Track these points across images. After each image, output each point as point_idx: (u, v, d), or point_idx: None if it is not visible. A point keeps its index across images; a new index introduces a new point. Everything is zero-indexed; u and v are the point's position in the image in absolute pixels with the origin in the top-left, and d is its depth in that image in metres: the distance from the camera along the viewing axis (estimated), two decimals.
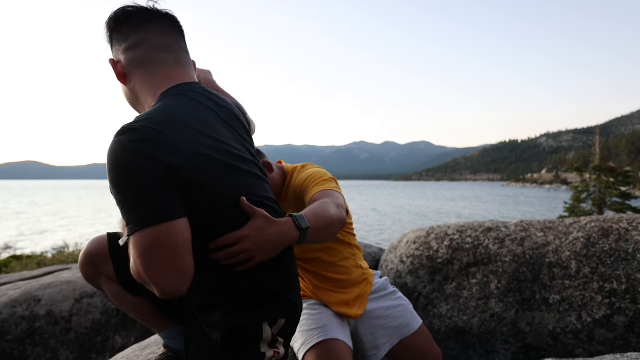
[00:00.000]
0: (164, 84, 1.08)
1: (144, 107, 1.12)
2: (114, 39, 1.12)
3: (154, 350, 1.80)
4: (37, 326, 3.00)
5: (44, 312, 3.06)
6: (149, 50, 1.10)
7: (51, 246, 9.45)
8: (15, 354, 2.91)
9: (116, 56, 1.12)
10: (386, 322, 1.81)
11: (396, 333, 1.78)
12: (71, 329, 3.07)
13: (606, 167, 14.57)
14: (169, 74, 1.10)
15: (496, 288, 3.15)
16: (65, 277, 3.47)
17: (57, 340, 3.02)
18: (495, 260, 3.25)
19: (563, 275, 3.02)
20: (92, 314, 3.16)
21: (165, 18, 1.14)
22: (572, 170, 16.64)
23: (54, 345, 3.00)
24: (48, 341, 3.00)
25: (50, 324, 3.04)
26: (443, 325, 3.27)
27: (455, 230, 3.62)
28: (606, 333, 2.82)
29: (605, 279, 2.90)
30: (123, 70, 1.11)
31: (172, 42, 1.14)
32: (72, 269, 3.91)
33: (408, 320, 1.84)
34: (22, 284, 3.41)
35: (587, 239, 3.11)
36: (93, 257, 1.20)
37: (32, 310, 3.05)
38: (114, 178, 0.89)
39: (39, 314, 3.04)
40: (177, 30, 1.17)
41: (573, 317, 2.90)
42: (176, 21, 1.17)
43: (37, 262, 6.16)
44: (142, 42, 1.09)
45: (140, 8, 1.10)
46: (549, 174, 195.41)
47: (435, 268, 3.47)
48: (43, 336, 3.00)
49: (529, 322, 3.02)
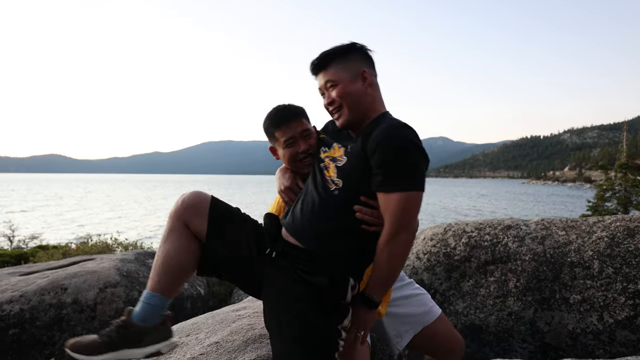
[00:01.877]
0: (383, 105, 1.55)
1: (369, 109, 1.48)
2: (372, 60, 1.54)
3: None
4: (64, 313, 3.13)
5: (70, 300, 3.18)
6: (376, 78, 1.55)
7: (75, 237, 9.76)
8: (44, 340, 3.05)
9: (370, 72, 1.51)
10: (408, 310, 1.82)
11: (418, 321, 1.78)
12: (95, 317, 3.18)
13: (633, 165, 14.10)
14: (382, 99, 1.56)
15: (514, 286, 3.11)
16: (89, 267, 3.60)
17: (83, 327, 3.14)
18: (515, 258, 3.20)
19: (585, 275, 2.97)
20: (115, 303, 3.27)
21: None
22: (596, 167, 16.17)
23: (80, 332, 3.12)
24: (74, 328, 3.12)
25: (76, 311, 3.16)
26: (459, 323, 3.25)
27: (473, 228, 3.58)
28: (628, 334, 2.76)
29: (630, 280, 2.83)
30: (371, 80, 1.50)
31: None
32: (96, 259, 4.04)
33: (429, 307, 1.86)
34: (49, 273, 3.55)
35: (612, 239, 3.04)
36: (195, 206, 1.42)
37: (60, 298, 3.18)
38: (410, 147, 1.30)
39: (66, 302, 3.17)
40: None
41: (594, 318, 2.85)
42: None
43: (63, 252, 6.38)
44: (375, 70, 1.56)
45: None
46: (571, 172, 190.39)
47: (452, 265, 3.45)
48: (70, 323, 3.12)
49: (548, 321, 2.98)
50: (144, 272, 3.82)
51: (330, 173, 1.41)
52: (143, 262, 4.09)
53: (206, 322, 2.16)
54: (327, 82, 1.47)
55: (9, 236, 8.15)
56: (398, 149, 1.28)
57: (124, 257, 3.98)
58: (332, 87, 1.46)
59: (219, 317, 2.20)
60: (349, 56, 1.47)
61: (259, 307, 2.31)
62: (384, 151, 1.29)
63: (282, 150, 1.70)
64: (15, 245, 7.94)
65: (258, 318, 2.10)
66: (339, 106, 1.45)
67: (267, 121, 1.72)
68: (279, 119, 1.66)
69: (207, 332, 2.00)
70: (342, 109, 1.45)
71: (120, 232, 9.11)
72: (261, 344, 1.79)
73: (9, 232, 8.28)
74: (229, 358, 1.70)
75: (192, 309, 3.78)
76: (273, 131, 1.68)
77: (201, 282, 4.38)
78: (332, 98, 1.46)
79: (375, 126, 1.38)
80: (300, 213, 1.43)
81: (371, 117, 1.47)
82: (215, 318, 2.21)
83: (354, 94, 1.45)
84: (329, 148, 1.50)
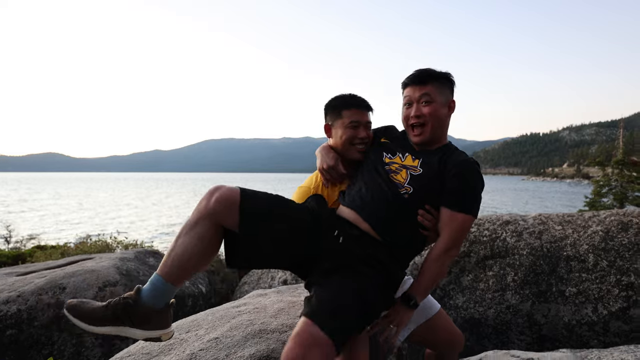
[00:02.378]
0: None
1: (442, 135, 1.65)
2: (454, 87, 1.68)
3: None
4: (62, 313, 3.13)
5: (69, 299, 3.18)
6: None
7: (74, 237, 9.74)
8: (43, 340, 3.05)
9: (449, 99, 1.65)
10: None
11: (420, 314, 1.79)
12: None
13: (629, 162, 14.17)
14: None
15: (513, 280, 3.14)
16: (88, 266, 3.60)
17: None
18: (513, 253, 3.23)
19: (580, 268, 3.00)
20: None
21: None
22: (594, 164, 16.22)
23: (79, 332, 3.13)
24: (73, 327, 3.12)
25: None
26: (459, 317, 3.28)
27: (472, 223, 3.61)
28: (622, 325, 2.79)
29: (623, 272, 2.86)
30: (453, 111, 1.67)
31: None
32: (94, 258, 4.04)
33: (429, 301, 1.86)
34: (47, 273, 3.55)
35: (606, 233, 3.07)
36: (228, 201, 1.37)
37: (58, 298, 3.18)
38: (480, 181, 1.54)
39: (64, 301, 3.17)
40: None
41: (589, 310, 2.88)
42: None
43: (61, 252, 6.37)
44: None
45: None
46: (570, 168, 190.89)
47: (452, 260, 3.47)
48: (68, 323, 3.12)
49: (545, 314, 3.01)
50: (144, 271, 3.83)
51: (400, 178, 1.56)
52: (143, 261, 4.09)
53: (206, 319, 2.17)
54: (423, 96, 1.58)
55: (6, 237, 8.12)
56: (474, 180, 1.53)
57: (123, 256, 3.98)
58: (427, 103, 1.58)
59: (219, 314, 2.22)
60: (445, 83, 1.62)
61: (259, 303, 2.33)
62: (464, 178, 1.52)
63: (342, 130, 1.77)
64: (13, 245, 7.91)
65: (258, 314, 2.12)
66: (424, 122, 1.58)
67: (340, 100, 1.81)
68: (354, 101, 1.78)
69: (206, 328, 2.01)
70: (425, 126, 1.58)
71: (121, 232, 9.10)
72: (260, 339, 1.80)
73: (6, 232, 8.25)
74: (228, 353, 1.71)
75: (192, 306, 3.79)
76: (342, 109, 1.77)
77: (203, 280, 4.40)
78: (422, 112, 1.57)
79: (450, 152, 1.59)
80: (372, 203, 1.53)
81: (442, 142, 1.66)
82: (215, 314, 2.22)
83: (441, 117, 1.60)
84: (394, 155, 1.65)
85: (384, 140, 1.77)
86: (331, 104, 1.82)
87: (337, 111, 1.79)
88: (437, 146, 1.64)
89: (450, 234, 1.51)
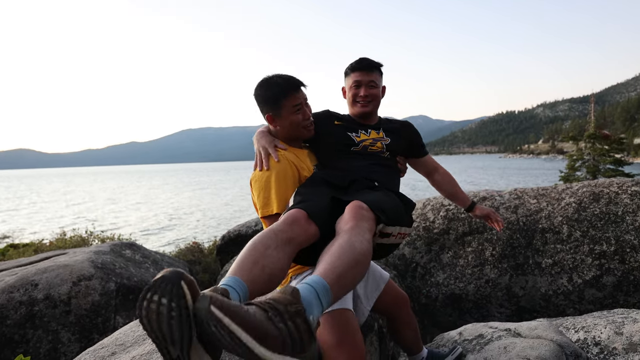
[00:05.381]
0: None
1: (377, 111, 2.09)
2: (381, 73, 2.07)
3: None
4: (36, 310, 3.03)
5: (42, 295, 3.07)
6: None
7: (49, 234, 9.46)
8: (16, 338, 2.95)
9: (380, 82, 2.05)
10: (372, 271, 1.91)
11: (381, 280, 1.92)
12: (71, 311, 3.09)
13: (601, 135, 14.59)
14: None
15: (491, 255, 3.19)
16: (61, 261, 3.48)
17: (58, 322, 3.05)
18: (490, 228, 3.27)
19: (555, 239, 3.06)
20: (90, 296, 3.18)
21: None
22: (567, 139, 16.65)
23: (54, 328, 3.03)
24: (48, 324, 3.03)
25: (49, 307, 3.06)
26: (440, 293, 3.32)
27: (450, 201, 3.63)
28: (595, 293, 2.87)
29: (595, 242, 2.93)
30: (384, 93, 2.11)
31: None
32: (68, 253, 3.91)
33: (381, 269, 1.98)
34: (18, 270, 3.42)
35: (579, 204, 3.13)
36: (299, 221, 1.36)
37: (30, 295, 3.07)
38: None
39: (37, 297, 3.06)
40: None
41: (564, 279, 2.95)
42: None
43: (35, 248, 6.17)
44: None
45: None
46: (545, 144, 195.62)
47: (432, 238, 3.50)
48: (43, 319, 3.03)
49: (522, 286, 3.07)
50: (121, 263, 3.73)
51: (377, 148, 1.93)
52: (119, 253, 3.98)
53: None
54: (371, 81, 1.98)
55: None
56: (419, 134, 2.15)
57: (98, 249, 3.86)
58: (372, 87, 1.99)
59: None
60: (380, 72, 2.05)
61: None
62: (416, 134, 2.13)
63: (287, 118, 1.76)
64: None
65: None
66: (370, 101, 1.99)
67: (275, 88, 1.73)
68: (290, 85, 1.74)
69: None
70: (370, 104, 1.99)
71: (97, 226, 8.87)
72: None
73: None
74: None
75: None
76: (282, 97, 1.74)
77: (183, 269, 4.32)
78: (371, 93, 1.98)
79: (391, 121, 2.10)
80: (364, 168, 1.87)
81: (377, 117, 2.11)
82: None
83: (379, 99, 2.05)
84: (358, 133, 1.97)
85: (338, 123, 2.02)
86: (265, 94, 1.75)
87: (275, 100, 1.73)
88: (376, 120, 2.08)
89: (433, 164, 2.22)
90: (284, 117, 1.75)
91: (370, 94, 1.99)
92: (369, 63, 2.02)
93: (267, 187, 1.65)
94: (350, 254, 1.14)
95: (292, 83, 1.74)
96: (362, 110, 2.00)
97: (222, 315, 0.78)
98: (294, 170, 1.70)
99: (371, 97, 2.00)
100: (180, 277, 0.81)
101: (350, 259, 1.13)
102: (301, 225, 1.31)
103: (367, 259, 1.19)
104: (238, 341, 0.78)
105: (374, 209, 1.38)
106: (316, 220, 1.37)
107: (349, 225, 1.27)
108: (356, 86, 2.00)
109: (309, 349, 0.89)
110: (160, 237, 17.23)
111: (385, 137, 2.00)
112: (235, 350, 0.80)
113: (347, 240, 1.19)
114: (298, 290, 0.95)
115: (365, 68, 2.00)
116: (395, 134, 2.03)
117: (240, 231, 4.93)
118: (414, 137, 2.12)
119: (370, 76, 2.00)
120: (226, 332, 0.78)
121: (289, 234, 1.26)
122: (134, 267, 3.84)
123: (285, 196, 1.62)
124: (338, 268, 1.09)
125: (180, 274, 0.82)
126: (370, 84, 1.99)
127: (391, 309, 1.97)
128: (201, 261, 5.73)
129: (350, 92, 2.02)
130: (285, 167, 1.68)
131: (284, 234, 1.25)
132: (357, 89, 1.99)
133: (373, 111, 2.04)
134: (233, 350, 0.80)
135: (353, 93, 2.01)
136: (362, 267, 1.17)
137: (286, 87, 1.73)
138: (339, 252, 1.15)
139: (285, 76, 1.76)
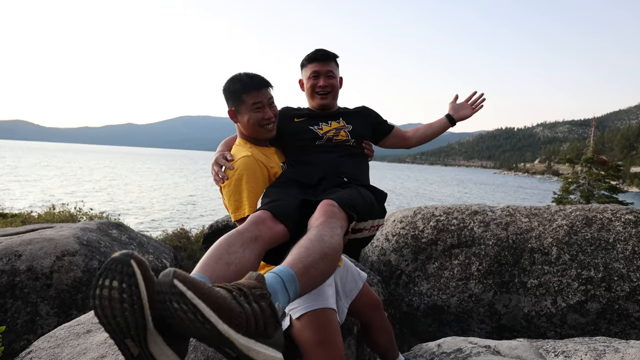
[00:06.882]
0: None
1: (337, 100, 2.09)
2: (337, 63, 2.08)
3: None
4: (17, 280, 2.99)
5: (25, 267, 3.04)
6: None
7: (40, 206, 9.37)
8: None
9: (338, 73, 2.07)
10: (351, 270, 1.93)
11: (360, 280, 1.93)
12: (52, 285, 3.06)
13: (598, 160, 14.67)
14: None
15: (477, 270, 3.19)
16: (47, 234, 3.45)
17: (38, 295, 3.02)
18: (479, 242, 3.27)
19: (543, 260, 3.06)
20: (73, 272, 3.15)
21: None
22: (564, 161, 16.73)
23: (34, 300, 3.00)
24: (28, 295, 3.00)
25: (30, 279, 3.03)
26: (422, 303, 3.32)
27: (442, 212, 3.63)
28: (578, 318, 2.88)
29: (584, 267, 2.94)
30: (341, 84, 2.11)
31: None
32: (55, 227, 3.87)
33: (360, 272, 1.99)
34: (3, 239, 3.38)
35: (570, 227, 3.14)
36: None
37: (13, 265, 3.03)
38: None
39: (20, 268, 3.03)
40: None
41: (548, 302, 2.96)
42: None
43: (22, 219, 6.11)
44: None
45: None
46: (541, 164, 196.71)
47: (420, 247, 3.49)
48: (23, 290, 3.00)
49: (506, 304, 3.07)
50: (106, 242, 3.69)
51: (341, 137, 1.93)
52: (106, 232, 3.95)
53: None
54: (328, 71, 1.99)
55: None
56: (376, 111, 2.21)
57: (85, 226, 3.83)
58: (330, 77, 2.00)
59: None
60: (337, 62, 2.07)
61: None
62: (375, 113, 2.19)
63: (247, 115, 1.75)
64: None
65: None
66: (329, 92, 2.00)
67: (238, 83, 1.75)
68: (253, 82, 1.74)
69: None
70: (329, 94, 2.01)
71: (86, 203, 8.80)
72: None
73: None
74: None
75: None
76: (242, 94, 1.74)
77: (167, 255, 4.29)
78: (330, 83, 1.99)
79: (345, 109, 2.11)
80: (334, 161, 1.87)
81: (337, 106, 2.12)
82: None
83: (337, 89, 2.06)
84: (320, 126, 1.96)
85: (298, 120, 2.02)
86: (229, 88, 1.78)
87: (237, 96, 1.75)
88: (335, 109, 2.09)
89: (401, 131, 2.24)
90: (243, 113, 1.77)
91: (329, 84, 2.00)
92: (326, 53, 2.03)
93: (238, 190, 1.65)
94: (318, 246, 1.16)
95: (256, 81, 1.76)
96: (322, 102, 2.01)
97: (185, 288, 0.76)
98: (264, 169, 1.72)
99: (330, 87, 2.01)
100: (131, 256, 0.79)
101: (318, 251, 1.15)
102: (267, 225, 1.33)
103: (336, 253, 1.22)
104: (201, 317, 0.76)
105: (345, 208, 1.39)
106: (283, 220, 1.38)
107: (319, 221, 1.29)
108: (314, 77, 2.01)
109: (274, 334, 0.90)
110: (148, 219, 17.15)
111: (347, 124, 2.01)
112: (198, 329, 0.77)
113: (315, 234, 1.21)
114: (263, 276, 0.96)
115: (323, 58, 2.01)
116: (355, 119, 2.06)
117: (229, 222, 4.90)
118: (373, 116, 2.17)
119: (327, 66, 2.01)
120: (189, 307, 0.76)
121: (254, 233, 1.28)
122: (119, 247, 3.81)
123: (257, 197, 1.63)
124: (306, 259, 1.11)
125: (130, 254, 0.80)
126: (329, 74, 2.00)
127: (364, 311, 1.98)
128: (187, 248, 5.70)
129: (308, 83, 2.03)
130: (255, 168, 1.68)
131: (249, 233, 1.27)
132: (316, 80, 2.01)
133: (332, 102, 2.06)
134: (195, 329, 0.78)
135: (312, 84, 2.02)
136: (330, 260, 1.18)
137: (249, 84, 1.75)
138: (307, 244, 1.17)
139: (252, 74, 1.79)
